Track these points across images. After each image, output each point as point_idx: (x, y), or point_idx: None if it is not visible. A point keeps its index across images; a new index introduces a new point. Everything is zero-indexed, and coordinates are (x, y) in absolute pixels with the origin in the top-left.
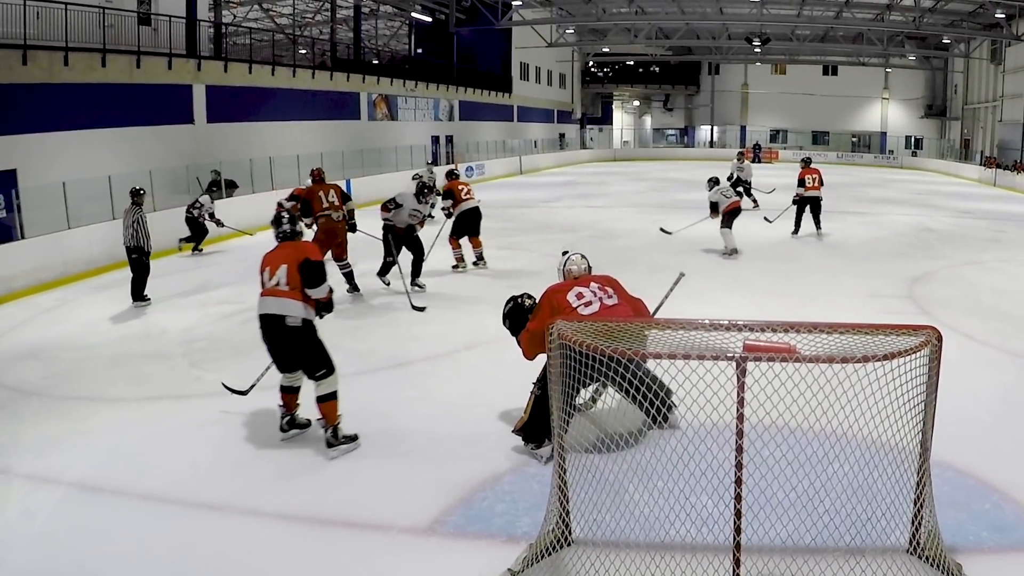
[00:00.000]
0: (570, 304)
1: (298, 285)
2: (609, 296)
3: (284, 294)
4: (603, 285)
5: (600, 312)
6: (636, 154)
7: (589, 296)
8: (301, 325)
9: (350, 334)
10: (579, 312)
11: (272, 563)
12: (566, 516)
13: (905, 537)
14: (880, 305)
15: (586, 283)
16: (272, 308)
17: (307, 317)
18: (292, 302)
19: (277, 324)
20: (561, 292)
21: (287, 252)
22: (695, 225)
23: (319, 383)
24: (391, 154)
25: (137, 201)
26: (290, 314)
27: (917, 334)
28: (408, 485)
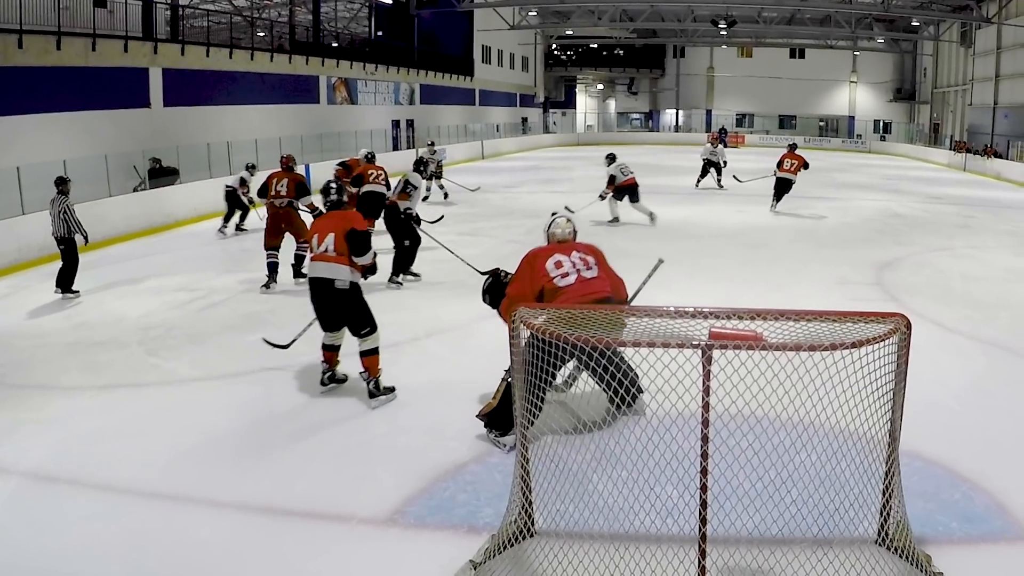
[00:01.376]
0: (547, 272)
1: (345, 251)
2: (588, 268)
3: (332, 259)
4: (584, 255)
5: (576, 284)
6: (600, 138)
7: (567, 266)
8: (348, 288)
9: (307, 321)
10: (555, 283)
11: (230, 554)
12: (529, 507)
13: (873, 528)
14: (848, 292)
15: (568, 251)
16: (322, 272)
17: (354, 280)
18: (340, 267)
19: (326, 287)
20: (541, 257)
21: (335, 220)
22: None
23: (364, 340)
24: (351, 138)
25: (63, 190)
26: (338, 278)
27: (885, 321)
28: (368, 475)
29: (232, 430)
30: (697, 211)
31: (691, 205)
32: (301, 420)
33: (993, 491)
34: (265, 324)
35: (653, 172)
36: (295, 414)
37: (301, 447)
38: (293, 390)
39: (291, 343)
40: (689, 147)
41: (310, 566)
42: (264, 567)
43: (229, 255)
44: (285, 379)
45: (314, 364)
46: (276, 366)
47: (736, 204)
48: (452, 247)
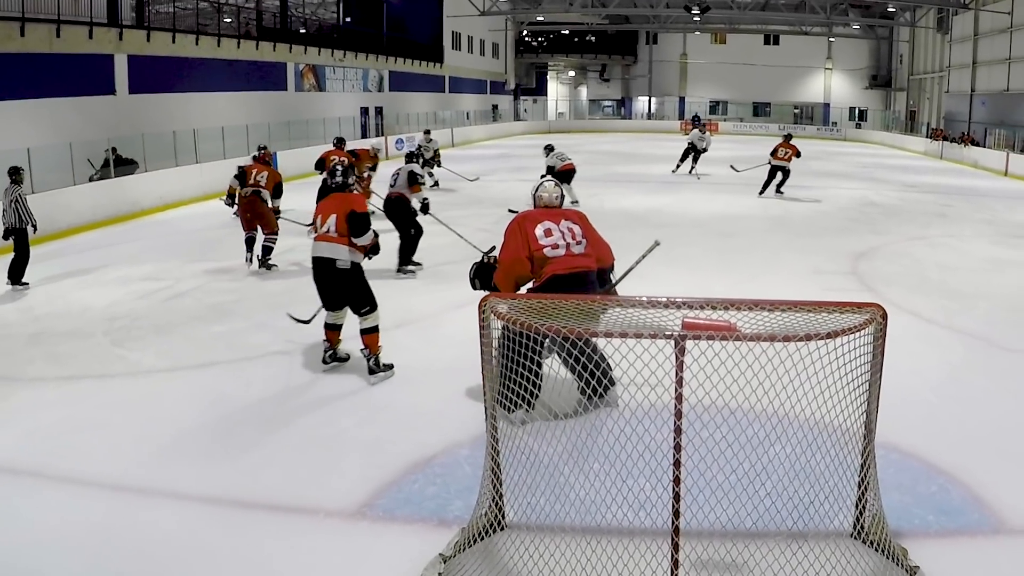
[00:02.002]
0: (537, 239)
1: (346, 232)
2: (578, 242)
3: (334, 240)
4: (572, 227)
5: (564, 257)
6: (571, 126)
7: (557, 236)
8: (350, 268)
9: (276, 312)
10: (544, 252)
11: (196, 548)
12: (499, 499)
13: (849, 521)
14: (823, 282)
15: (557, 219)
16: (324, 252)
17: (355, 260)
18: (341, 247)
19: (328, 266)
20: (531, 221)
21: (338, 202)
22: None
23: (364, 318)
24: (319, 126)
25: (16, 180)
26: (340, 258)
27: (861, 312)
28: (336, 467)
29: (198, 422)
30: (669, 199)
31: (663, 194)
32: (268, 412)
33: (970, 484)
34: (232, 314)
35: (625, 160)
36: (262, 406)
37: (268, 439)
38: (261, 381)
39: (312, 318)
40: (662, 135)
41: (277, 560)
42: (230, 560)
43: (195, 244)
44: (252, 370)
45: (280, 354)
46: (243, 357)
47: (709, 193)
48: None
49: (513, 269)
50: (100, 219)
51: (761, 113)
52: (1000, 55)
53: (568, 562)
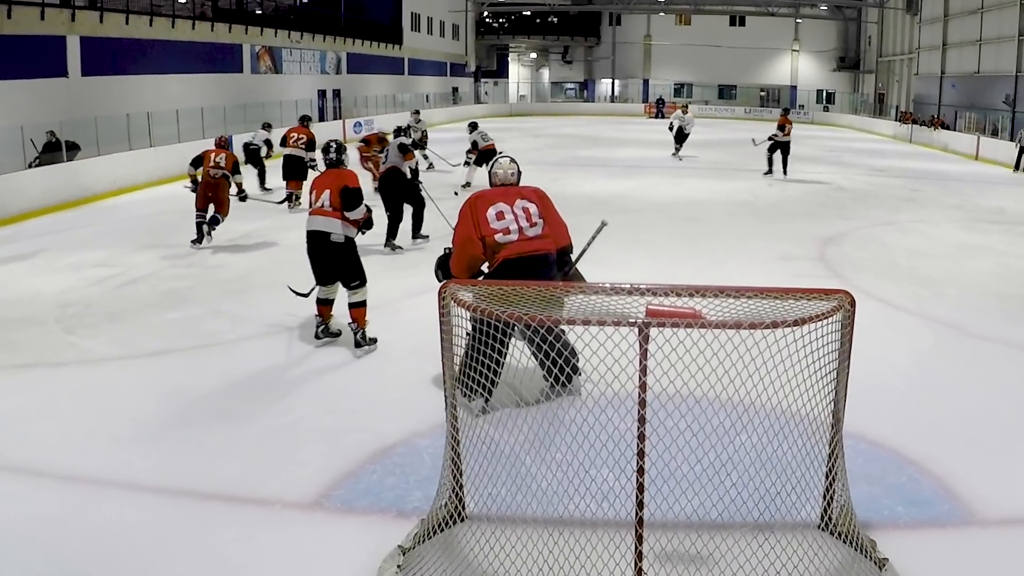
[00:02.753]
0: (488, 222)
1: (340, 207)
2: (532, 224)
3: (329, 214)
4: (528, 206)
5: (517, 243)
6: (533, 109)
7: (509, 220)
8: (343, 241)
9: (232, 298)
10: (496, 239)
11: (151, 539)
12: (459, 490)
13: (816, 512)
14: (790, 268)
15: (511, 199)
16: (319, 226)
17: (348, 235)
18: (336, 221)
19: (322, 240)
20: (483, 201)
21: (332, 178)
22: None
23: (354, 292)
24: (275, 109)
25: None
26: (334, 231)
27: (829, 298)
28: (293, 458)
29: (153, 411)
30: (633, 184)
31: (627, 178)
32: (224, 400)
33: (940, 474)
34: (187, 301)
35: (588, 144)
36: (218, 394)
37: (224, 428)
38: (216, 370)
39: (311, 292)
40: (626, 118)
41: (234, 551)
42: (186, 552)
43: (149, 230)
44: (208, 358)
45: (237, 341)
46: (198, 344)
47: (674, 177)
48: (378, 221)
49: (465, 250)
50: (52, 204)
51: (727, 96)
52: (971, 36)
53: (530, 554)
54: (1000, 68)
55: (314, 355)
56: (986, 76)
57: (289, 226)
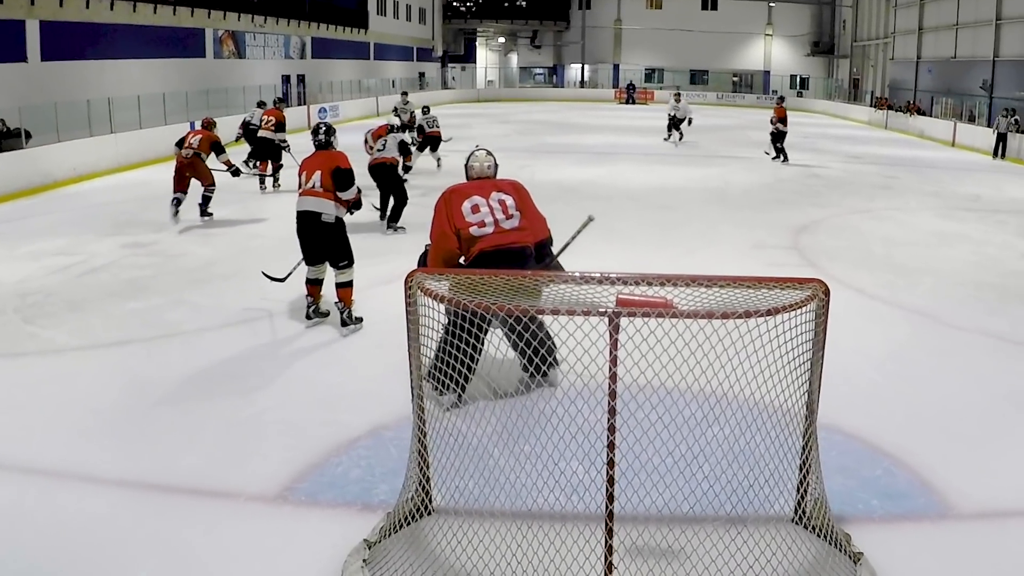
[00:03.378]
0: (463, 215)
1: (331, 188)
2: (508, 216)
3: (319, 195)
4: (505, 199)
5: (493, 236)
6: (501, 94)
7: (485, 212)
8: (333, 222)
9: (196, 288)
10: (471, 232)
11: (111, 534)
12: (426, 483)
13: (790, 506)
14: (763, 257)
15: (487, 192)
16: (309, 206)
17: (338, 215)
18: (326, 201)
19: (313, 220)
20: (458, 195)
21: (322, 159)
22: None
23: (341, 272)
24: (238, 94)
25: None
26: (325, 211)
27: (803, 287)
28: (256, 450)
29: (114, 402)
30: (604, 171)
31: (597, 165)
32: (187, 392)
33: (916, 466)
34: (148, 290)
35: (557, 130)
36: (181, 385)
37: (187, 420)
38: (178, 360)
39: (287, 276)
40: (596, 104)
41: (196, 545)
42: (147, 547)
43: (111, 217)
44: (170, 349)
45: (199, 331)
46: (160, 334)
47: (646, 164)
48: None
49: (440, 245)
50: (10, 191)
51: (699, 81)
52: (947, 21)
53: (498, 548)
54: (977, 53)
55: (278, 346)
56: (963, 61)
57: (252, 214)
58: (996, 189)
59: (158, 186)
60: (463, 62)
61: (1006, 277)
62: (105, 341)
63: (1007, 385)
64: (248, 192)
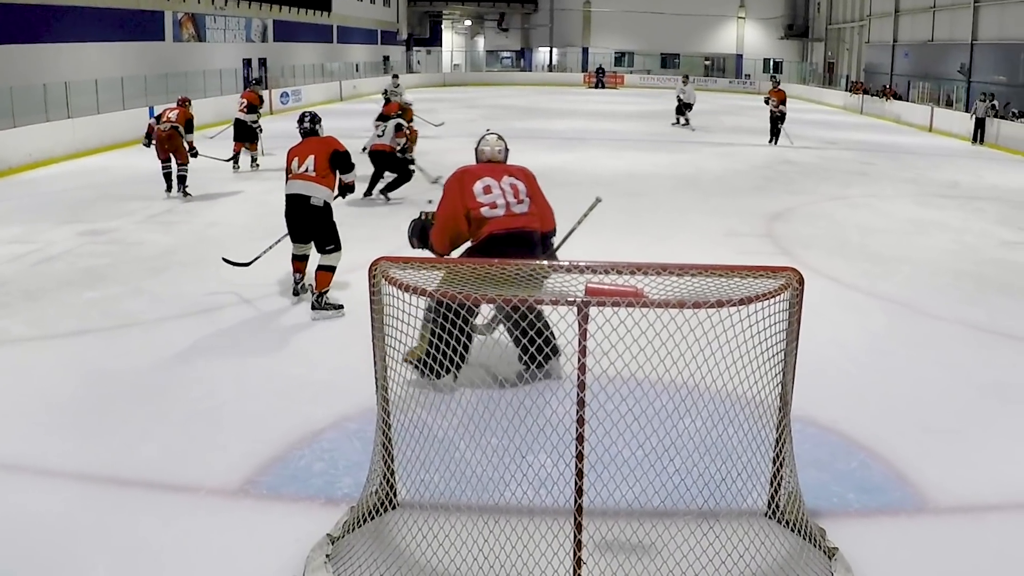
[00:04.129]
0: (475, 196)
1: (324, 172)
2: (519, 200)
3: (312, 179)
4: (516, 183)
5: (503, 218)
6: (468, 79)
7: (497, 194)
8: (322, 206)
9: (155, 277)
10: (482, 212)
11: (65, 527)
12: (391, 476)
13: (763, 500)
14: (736, 245)
15: (499, 175)
16: (300, 189)
17: (327, 200)
18: (317, 186)
19: (302, 203)
20: (470, 175)
21: (314, 145)
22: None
23: (326, 255)
24: (199, 78)
25: None
26: (315, 195)
27: (776, 276)
28: (217, 442)
29: (70, 393)
30: (572, 157)
31: (566, 151)
32: (145, 383)
33: (892, 459)
34: (106, 279)
35: (525, 115)
36: (138, 377)
37: (144, 412)
38: (136, 351)
39: (252, 262)
40: (565, 88)
41: (154, 540)
42: (104, 542)
43: (67, 205)
44: (128, 339)
45: (158, 321)
46: (118, 324)
47: (615, 150)
48: None
49: (448, 226)
50: None
51: (670, 65)
52: (924, 3)
53: (464, 542)
54: (955, 36)
55: (239, 335)
56: (940, 44)
57: (212, 201)
58: (974, 175)
59: (116, 172)
60: (428, 45)
61: (984, 266)
62: (62, 331)
63: (985, 376)
64: (208, 179)
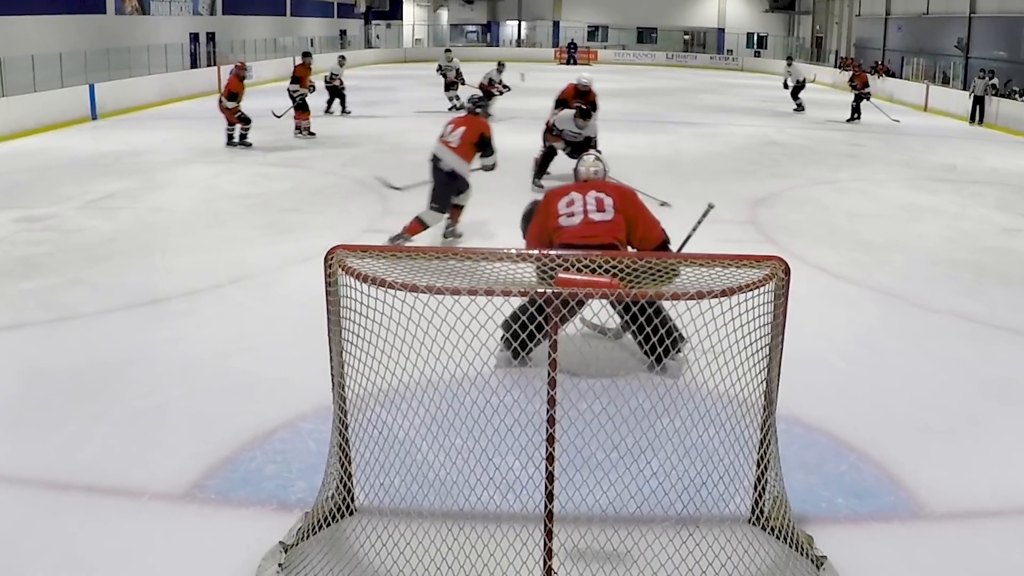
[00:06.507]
0: (557, 211)
1: (466, 145)
2: (601, 210)
3: (451, 148)
4: (602, 197)
5: (580, 226)
6: (430, 54)
7: (578, 206)
8: (448, 171)
9: (95, 265)
10: (559, 221)
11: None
12: (348, 480)
13: (746, 505)
14: (717, 232)
15: (586, 190)
16: (437, 151)
17: (457, 170)
18: (452, 154)
19: (435, 163)
20: (557, 196)
21: (469, 122)
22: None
23: (427, 211)
24: (142, 54)
25: None
26: (445, 160)
27: (760, 266)
28: (162, 443)
29: (4, 391)
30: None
31: (535, 131)
32: (85, 379)
33: (884, 461)
34: (44, 269)
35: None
36: (79, 373)
37: (85, 411)
38: (76, 345)
39: (408, 187)
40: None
41: (94, 548)
42: (40, 548)
43: (1, 189)
44: (67, 332)
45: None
46: (57, 317)
47: None
48: (256, 180)
49: (536, 247)
50: None
51: (646, 40)
52: None
53: (426, 550)
54: (951, 8)
55: (185, 329)
56: (936, 17)
57: (156, 185)
58: (972, 158)
59: (55, 155)
60: (388, 19)
61: (983, 254)
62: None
63: (984, 373)
64: (152, 164)
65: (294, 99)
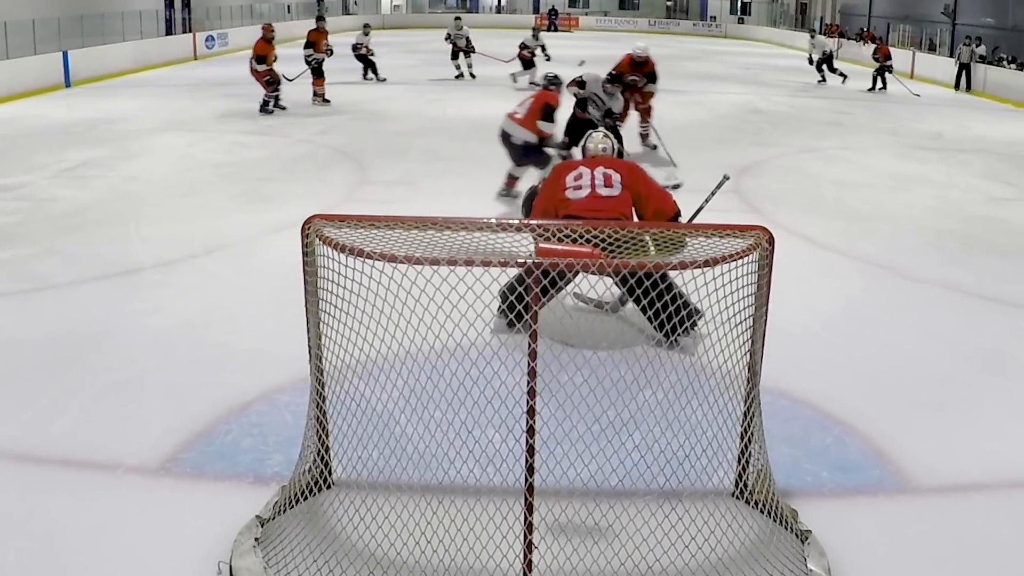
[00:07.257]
0: (565, 184)
1: (531, 115)
2: (608, 185)
3: (517, 120)
4: (611, 173)
5: (587, 200)
6: (409, 21)
7: (586, 180)
8: (517, 142)
9: (68, 235)
10: (566, 194)
11: None
12: (325, 453)
13: (730, 478)
14: (699, 201)
15: (594, 165)
16: (504, 124)
17: (524, 139)
18: (516, 125)
19: (504, 137)
20: (566, 169)
21: (539, 94)
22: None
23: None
24: (117, 21)
25: None
26: (512, 131)
27: (744, 236)
28: (136, 416)
29: None
30: None
31: (512, 99)
32: (59, 351)
33: (870, 435)
34: (15, 239)
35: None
36: (52, 344)
37: (58, 383)
38: (49, 317)
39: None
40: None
41: (68, 522)
42: (15, 523)
43: None
44: (40, 303)
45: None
46: (29, 288)
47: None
48: (232, 148)
49: (543, 218)
50: None
51: (628, 7)
52: None
53: (404, 524)
54: None
55: (160, 300)
56: None
57: (131, 154)
58: (959, 126)
59: (27, 123)
60: None
61: (970, 223)
62: None
63: (972, 344)
64: (126, 132)
65: (310, 64)
